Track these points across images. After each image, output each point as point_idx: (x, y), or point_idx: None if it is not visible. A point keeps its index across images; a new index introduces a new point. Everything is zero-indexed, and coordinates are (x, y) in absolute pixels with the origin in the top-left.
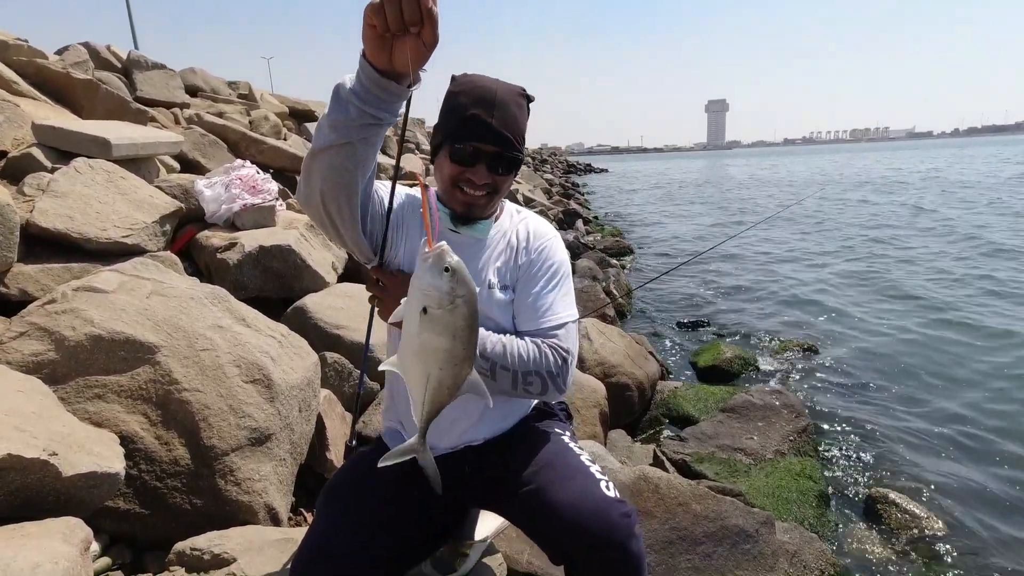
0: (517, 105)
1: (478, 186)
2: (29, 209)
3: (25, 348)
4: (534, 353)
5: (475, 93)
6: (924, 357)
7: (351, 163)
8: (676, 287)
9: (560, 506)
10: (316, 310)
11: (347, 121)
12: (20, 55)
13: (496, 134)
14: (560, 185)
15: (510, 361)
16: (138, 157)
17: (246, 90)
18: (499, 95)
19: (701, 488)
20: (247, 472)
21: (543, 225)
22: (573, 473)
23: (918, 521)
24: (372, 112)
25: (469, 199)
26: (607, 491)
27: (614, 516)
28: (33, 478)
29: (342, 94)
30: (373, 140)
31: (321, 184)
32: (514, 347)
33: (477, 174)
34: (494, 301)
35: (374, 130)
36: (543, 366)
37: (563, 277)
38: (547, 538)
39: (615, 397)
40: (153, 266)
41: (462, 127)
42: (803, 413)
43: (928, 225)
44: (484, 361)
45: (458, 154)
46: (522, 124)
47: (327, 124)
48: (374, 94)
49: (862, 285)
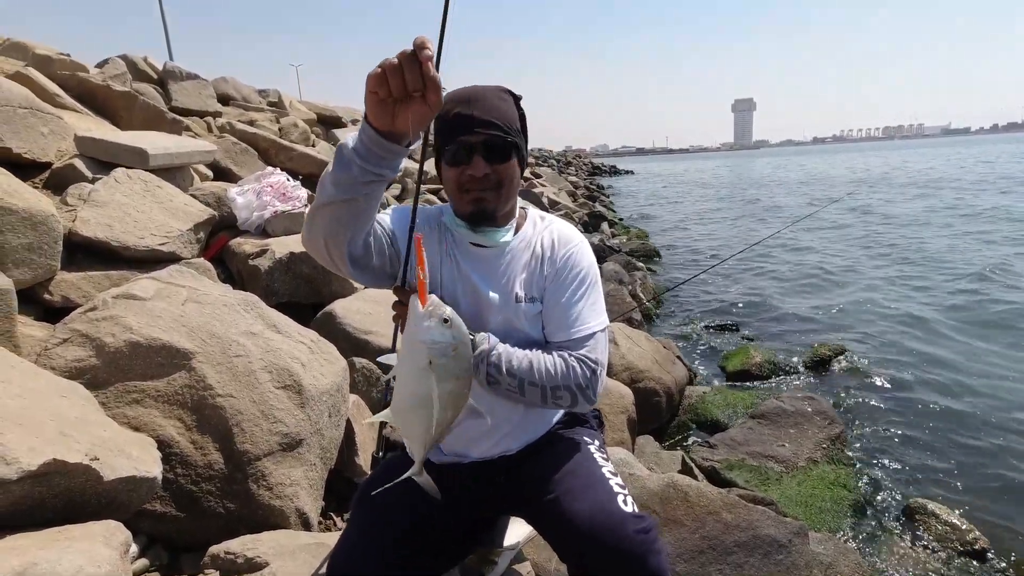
0: (499, 98)
1: (480, 179)
2: (72, 219)
3: (68, 354)
4: (561, 367)
5: (453, 96)
6: (964, 362)
7: (352, 216)
8: (704, 290)
9: (576, 517)
10: (345, 315)
11: (350, 179)
12: (63, 69)
13: (480, 122)
14: (585, 187)
15: (538, 377)
16: (173, 166)
17: (276, 98)
18: (476, 92)
19: (731, 496)
20: (279, 477)
21: (568, 230)
22: (591, 484)
23: (960, 533)
24: (374, 170)
25: (476, 196)
26: (624, 505)
27: (629, 531)
28: (76, 482)
29: (345, 154)
30: (375, 195)
31: (324, 234)
32: (541, 363)
33: (475, 167)
34: (522, 313)
35: (376, 186)
36: (571, 379)
37: (591, 284)
38: (563, 548)
39: (643, 403)
40: (188, 273)
41: (447, 129)
42: (836, 420)
43: (976, 228)
44: (511, 378)
45: (451, 154)
46: (508, 113)
47: (330, 181)
48: (376, 153)
49: (899, 287)
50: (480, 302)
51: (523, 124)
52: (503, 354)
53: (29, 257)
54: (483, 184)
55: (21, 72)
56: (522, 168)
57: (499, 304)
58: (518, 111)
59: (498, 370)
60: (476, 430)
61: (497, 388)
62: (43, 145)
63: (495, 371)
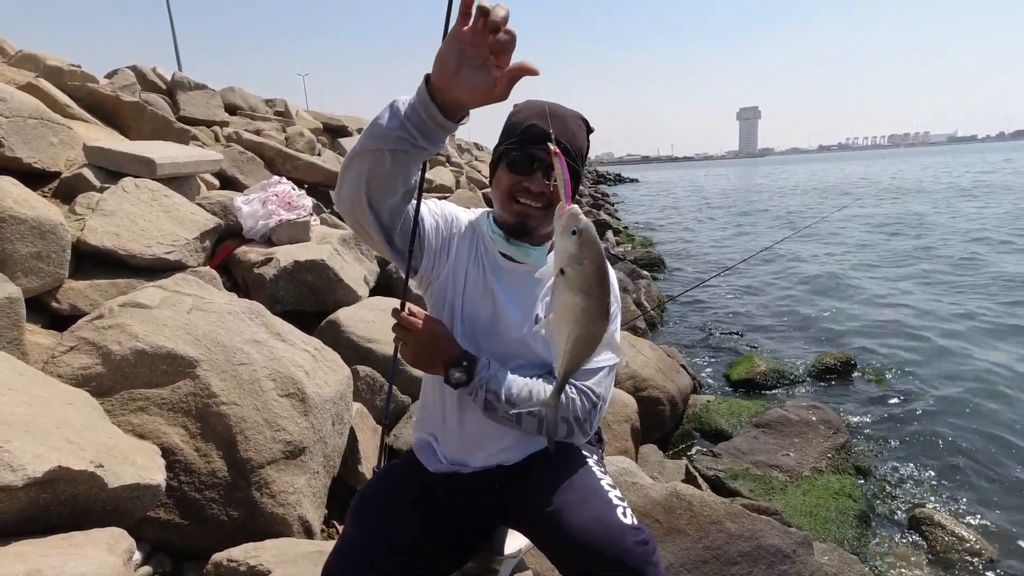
0: (576, 124)
1: (535, 195)
2: (80, 227)
3: (75, 362)
4: (562, 398)
5: (534, 108)
6: (971, 371)
7: (378, 171)
8: (708, 298)
9: (573, 529)
10: (349, 324)
11: (386, 130)
12: (73, 80)
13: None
14: (590, 195)
15: (536, 407)
16: (180, 175)
17: (282, 107)
18: (556, 110)
19: (735, 506)
20: (282, 485)
21: None
22: (590, 496)
23: (966, 544)
24: (411, 129)
25: (525, 209)
26: (623, 517)
27: (628, 543)
28: (81, 489)
29: (393, 106)
30: (403, 159)
31: (351, 184)
32: (541, 393)
33: (534, 182)
34: (539, 336)
35: (407, 146)
36: (570, 411)
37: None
38: (561, 560)
39: (646, 411)
40: (194, 281)
41: (519, 136)
42: (841, 429)
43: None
44: (509, 406)
45: (516, 162)
46: (579, 141)
47: (369, 129)
48: (419, 115)
49: (902, 295)
50: (500, 317)
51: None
52: (503, 381)
53: (37, 266)
54: (536, 200)
55: (32, 83)
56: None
57: (518, 322)
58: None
59: (496, 397)
60: (476, 438)
61: (493, 415)
62: (52, 155)
63: (493, 398)
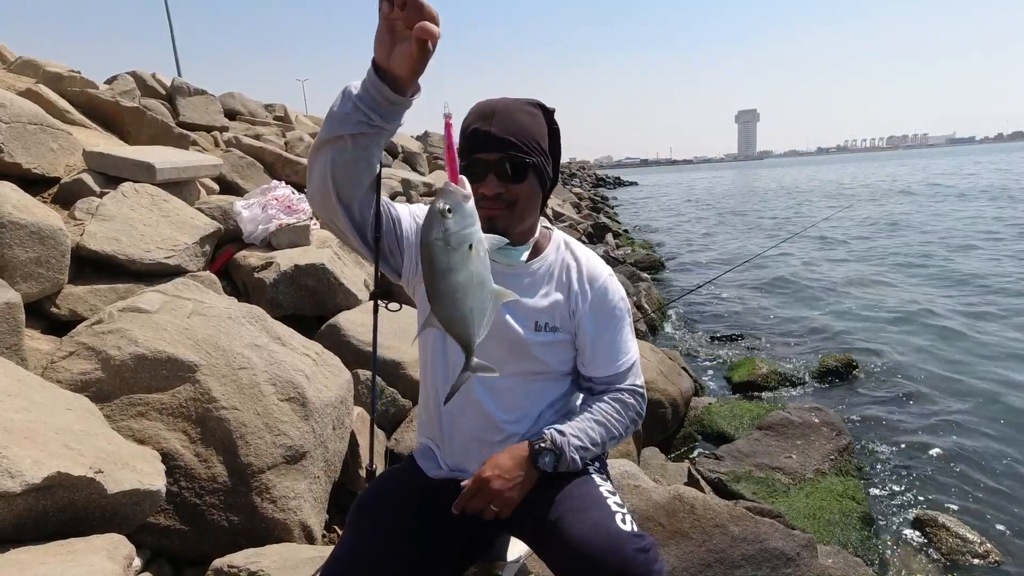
0: (525, 113)
1: (491, 199)
2: (80, 232)
3: (74, 367)
4: (620, 409)
5: (476, 110)
6: (975, 372)
7: (340, 161)
8: (709, 300)
9: (573, 537)
10: (349, 327)
11: (342, 115)
12: (73, 86)
13: (496, 140)
14: (589, 199)
15: (615, 431)
16: (180, 180)
17: (282, 112)
18: (500, 106)
19: (738, 509)
20: (282, 490)
21: (595, 261)
22: (589, 504)
23: (971, 546)
24: (365, 110)
25: (488, 214)
26: (623, 525)
27: (628, 550)
28: (80, 495)
29: (346, 91)
30: (364, 142)
31: (318, 178)
32: (609, 418)
33: (487, 186)
34: (536, 341)
35: (364, 127)
36: (632, 414)
37: (625, 314)
38: (561, 568)
39: (648, 414)
40: (194, 286)
41: (467, 144)
42: (844, 431)
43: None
44: (596, 448)
45: (467, 171)
46: (530, 129)
47: (327, 119)
48: (371, 94)
49: (907, 296)
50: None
51: (555, 139)
52: (579, 435)
53: (37, 271)
54: (494, 203)
55: (32, 89)
56: (545, 186)
57: (512, 327)
58: (549, 126)
59: (584, 450)
60: (476, 447)
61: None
62: (52, 160)
63: (583, 452)
